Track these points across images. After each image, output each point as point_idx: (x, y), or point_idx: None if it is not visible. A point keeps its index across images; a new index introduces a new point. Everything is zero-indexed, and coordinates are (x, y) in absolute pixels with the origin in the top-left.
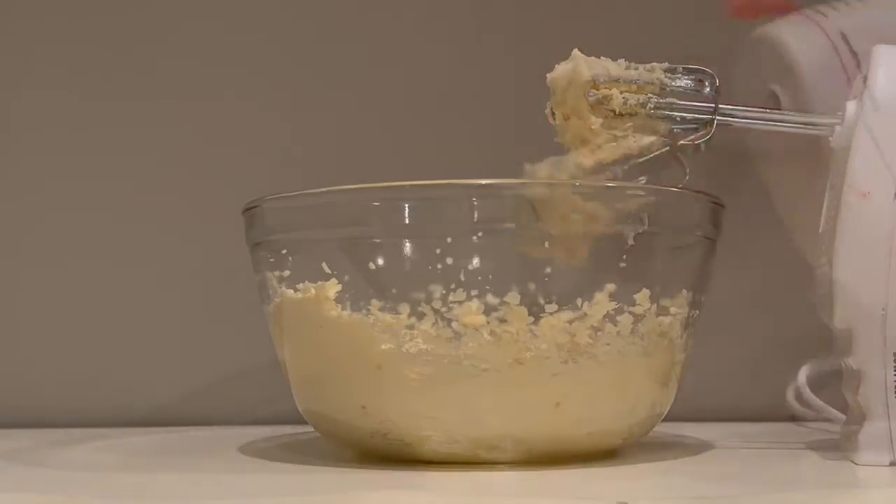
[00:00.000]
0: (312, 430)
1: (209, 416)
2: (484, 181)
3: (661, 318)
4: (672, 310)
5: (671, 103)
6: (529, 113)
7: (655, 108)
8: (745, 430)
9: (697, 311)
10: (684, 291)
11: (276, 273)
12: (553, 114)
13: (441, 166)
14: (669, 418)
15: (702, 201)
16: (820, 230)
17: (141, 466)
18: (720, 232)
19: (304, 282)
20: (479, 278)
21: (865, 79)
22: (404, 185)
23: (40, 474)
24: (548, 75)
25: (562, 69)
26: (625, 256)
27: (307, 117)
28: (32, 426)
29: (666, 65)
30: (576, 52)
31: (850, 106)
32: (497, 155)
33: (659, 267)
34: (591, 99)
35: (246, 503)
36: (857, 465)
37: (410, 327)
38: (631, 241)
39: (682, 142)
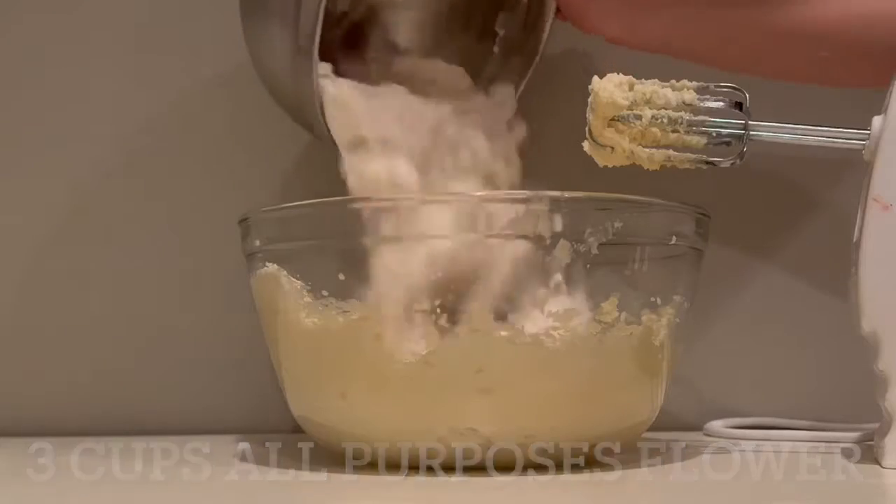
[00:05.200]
0: (309, 436)
1: (207, 425)
2: (479, 193)
3: (645, 326)
4: (656, 318)
5: (703, 121)
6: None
7: (689, 125)
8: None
9: (681, 320)
10: (674, 299)
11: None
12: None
13: None
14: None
15: (687, 212)
16: (854, 240)
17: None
18: (706, 242)
19: (298, 290)
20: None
21: (891, 94)
22: (393, 198)
23: (31, 483)
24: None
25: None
26: (601, 266)
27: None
28: (23, 435)
29: (696, 83)
30: (602, 78)
31: (877, 121)
32: None
33: (644, 276)
34: (630, 122)
35: None
36: (884, 468)
37: (404, 332)
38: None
39: (716, 159)
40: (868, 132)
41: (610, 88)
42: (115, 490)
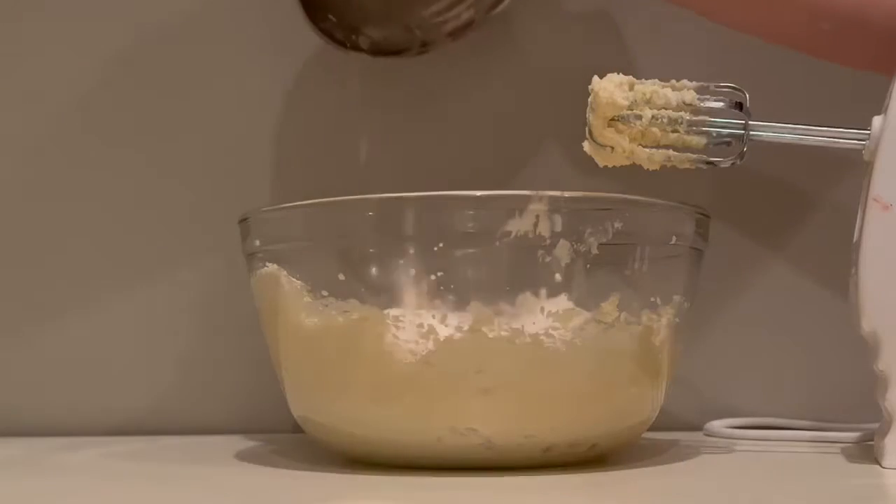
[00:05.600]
0: (309, 436)
1: (207, 425)
2: (478, 192)
3: (644, 325)
4: (656, 318)
5: (703, 121)
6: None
7: (689, 125)
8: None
9: (681, 320)
10: (674, 299)
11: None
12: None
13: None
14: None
15: (687, 212)
16: (854, 240)
17: (136, 475)
18: (706, 242)
19: (298, 290)
20: (469, 284)
21: (891, 94)
22: (394, 198)
23: (38, 483)
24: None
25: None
26: (601, 266)
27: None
28: (29, 434)
29: (696, 83)
30: (602, 77)
31: (877, 121)
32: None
33: (644, 276)
34: (630, 122)
35: None
36: (884, 468)
37: (405, 332)
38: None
39: (716, 159)
40: (868, 132)
41: (610, 88)
42: (115, 490)
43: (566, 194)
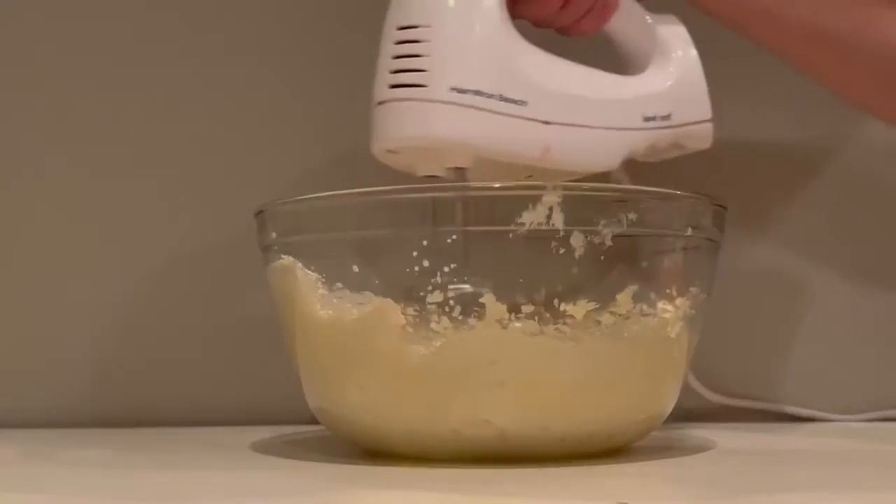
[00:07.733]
0: (325, 427)
1: (223, 416)
2: (493, 184)
3: (660, 317)
4: (672, 310)
5: None
6: None
7: None
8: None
9: (698, 312)
10: (690, 291)
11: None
12: None
13: None
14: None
15: (704, 203)
16: None
17: (152, 465)
18: (723, 233)
19: (313, 282)
20: (482, 276)
21: None
22: (408, 189)
23: (54, 474)
24: None
25: None
26: (616, 258)
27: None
28: (43, 426)
29: None
30: None
31: None
32: None
33: (660, 268)
34: None
35: (252, 500)
36: None
37: (419, 323)
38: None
39: None
40: None
41: None
42: (130, 479)
43: (581, 185)
